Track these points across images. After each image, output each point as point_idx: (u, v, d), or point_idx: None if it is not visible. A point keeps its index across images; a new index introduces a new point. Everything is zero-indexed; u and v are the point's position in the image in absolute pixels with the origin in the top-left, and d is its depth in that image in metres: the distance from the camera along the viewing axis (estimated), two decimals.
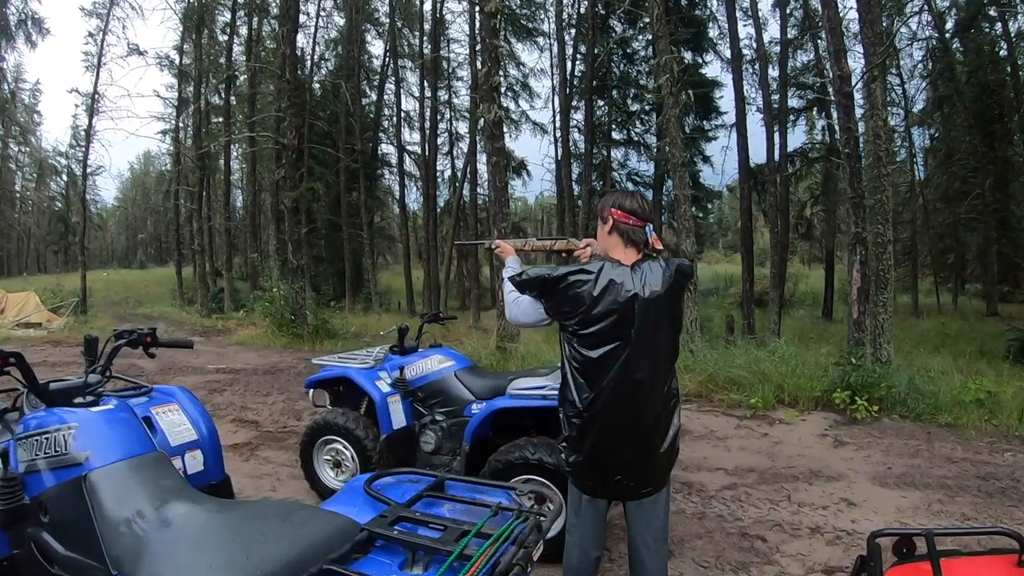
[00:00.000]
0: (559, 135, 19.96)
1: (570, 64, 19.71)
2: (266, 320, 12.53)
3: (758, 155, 16.29)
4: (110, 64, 24.58)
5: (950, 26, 17.76)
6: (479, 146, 18.89)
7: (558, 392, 2.11)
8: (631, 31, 17.98)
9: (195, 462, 2.02)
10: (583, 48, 18.70)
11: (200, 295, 20.96)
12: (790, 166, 16.87)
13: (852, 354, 6.47)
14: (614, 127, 19.66)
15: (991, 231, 17.15)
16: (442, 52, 20.93)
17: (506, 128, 13.81)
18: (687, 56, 16.48)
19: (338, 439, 3.65)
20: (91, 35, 19.43)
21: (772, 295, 15.08)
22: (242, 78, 21.82)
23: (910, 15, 16.29)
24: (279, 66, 13.04)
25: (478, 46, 14.16)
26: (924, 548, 1.43)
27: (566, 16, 19.51)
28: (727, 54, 16.13)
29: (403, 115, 22.97)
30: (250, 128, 20.55)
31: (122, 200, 60.71)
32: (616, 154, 19.69)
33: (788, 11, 16.35)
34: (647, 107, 18.83)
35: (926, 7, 16.51)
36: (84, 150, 19.80)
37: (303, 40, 20.28)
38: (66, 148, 28.51)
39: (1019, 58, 16.62)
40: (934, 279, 21.04)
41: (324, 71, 23.64)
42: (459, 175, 21.82)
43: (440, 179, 22.74)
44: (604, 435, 1.96)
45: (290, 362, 9.40)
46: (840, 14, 8.95)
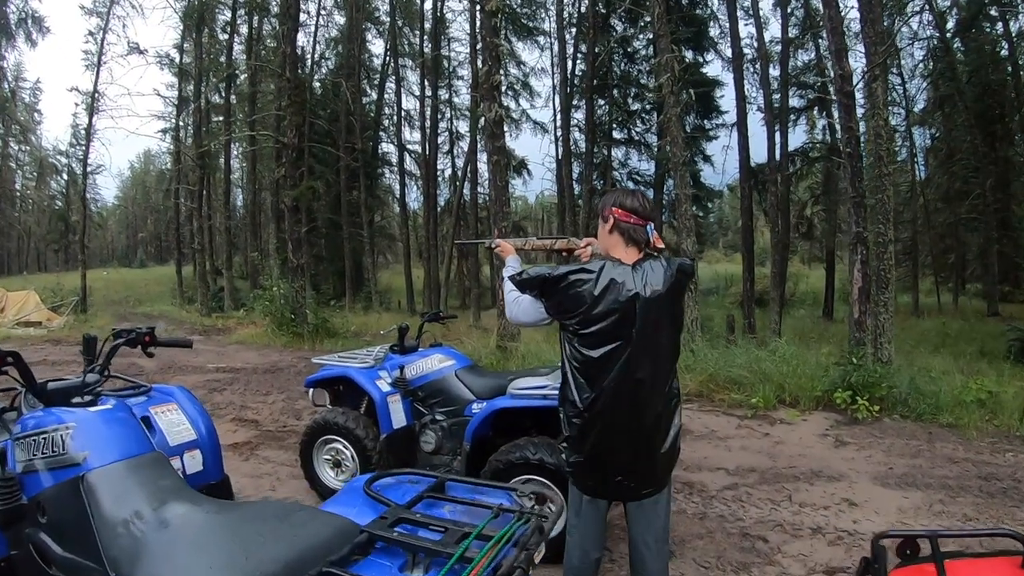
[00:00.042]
0: (560, 134, 19.98)
1: (571, 63, 19.69)
2: (266, 319, 12.52)
3: (759, 154, 16.33)
4: (110, 63, 24.50)
5: (951, 26, 17.78)
6: (479, 145, 18.88)
7: (558, 392, 2.10)
8: (632, 30, 17.97)
9: (194, 462, 2.01)
10: (584, 47, 18.71)
11: (200, 294, 20.96)
12: (791, 165, 16.84)
13: (853, 354, 6.47)
14: (615, 126, 19.64)
15: (992, 231, 17.14)
16: (442, 51, 20.93)
17: (507, 127, 13.79)
18: (688, 55, 16.48)
19: (338, 439, 3.64)
20: (91, 34, 19.49)
21: (773, 294, 15.07)
22: (242, 77, 21.83)
23: (911, 14, 16.28)
24: (279, 65, 13.02)
25: (479, 45, 14.14)
26: (928, 549, 1.43)
27: (567, 15, 19.50)
28: (728, 53, 16.15)
29: (403, 114, 23.02)
30: (250, 127, 20.54)
31: (122, 199, 60.72)
32: (617, 153, 19.72)
33: (789, 10, 16.35)
34: (648, 106, 18.82)
35: (927, 6, 16.49)
36: (84, 149, 19.84)
37: (303, 39, 20.33)
38: (66, 147, 28.54)
39: (1020, 58, 16.60)
40: (934, 279, 21.04)
41: (324, 70, 23.67)
42: (459, 174, 21.82)
43: (440, 178, 22.82)
44: (605, 435, 1.95)
45: (290, 361, 9.39)
46: (841, 13, 8.94)
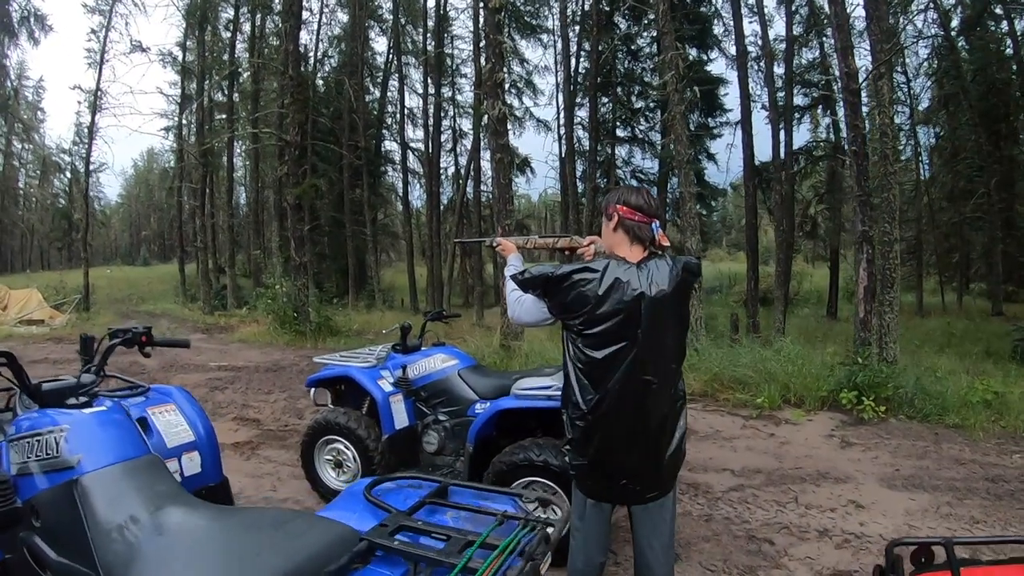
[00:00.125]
0: (563, 132, 19.89)
1: (574, 61, 19.59)
2: (268, 317, 12.49)
3: (763, 152, 16.26)
4: (113, 61, 24.62)
5: (956, 24, 17.65)
6: (483, 143, 18.82)
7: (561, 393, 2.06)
8: (636, 28, 17.90)
9: (192, 464, 1.98)
10: (587, 45, 18.62)
11: (203, 292, 20.95)
12: (795, 164, 16.76)
13: (858, 354, 6.43)
14: (618, 124, 19.55)
15: (996, 230, 17.03)
16: (446, 49, 20.88)
17: (510, 125, 13.74)
18: (692, 53, 16.40)
19: (340, 439, 3.61)
20: (94, 32, 19.48)
21: (777, 293, 14.98)
22: (245, 74, 21.77)
23: (916, 12, 16.17)
24: (282, 62, 12.97)
25: (482, 42, 14.10)
26: (943, 556, 1.40)
27: (570, 13, 19.39)
28: (732, 51, 16.04)
29: (406, 112, 22.92)
30: (253, 125, 20.49)
31: (125, 197, 60.90)
32: (620, 151, 19.62)
33: (794, 8, 16.24)
34: (652, 104, 18.75)
35: (931, 4, 16.38)
36: (87, 147, 19.85)
37: (306, 36, 20.31)
38: (69, 145, 28.68)
39: None
40: (939, 278, 20.95)
41: (327, 67, 23.62)
42: (463, 172, 21.76)
43: (444, 176, 22.71)
44: (609, 438, 1.92)
45: (292, 360, 9.37)
46: (847, 11, 8.88)
